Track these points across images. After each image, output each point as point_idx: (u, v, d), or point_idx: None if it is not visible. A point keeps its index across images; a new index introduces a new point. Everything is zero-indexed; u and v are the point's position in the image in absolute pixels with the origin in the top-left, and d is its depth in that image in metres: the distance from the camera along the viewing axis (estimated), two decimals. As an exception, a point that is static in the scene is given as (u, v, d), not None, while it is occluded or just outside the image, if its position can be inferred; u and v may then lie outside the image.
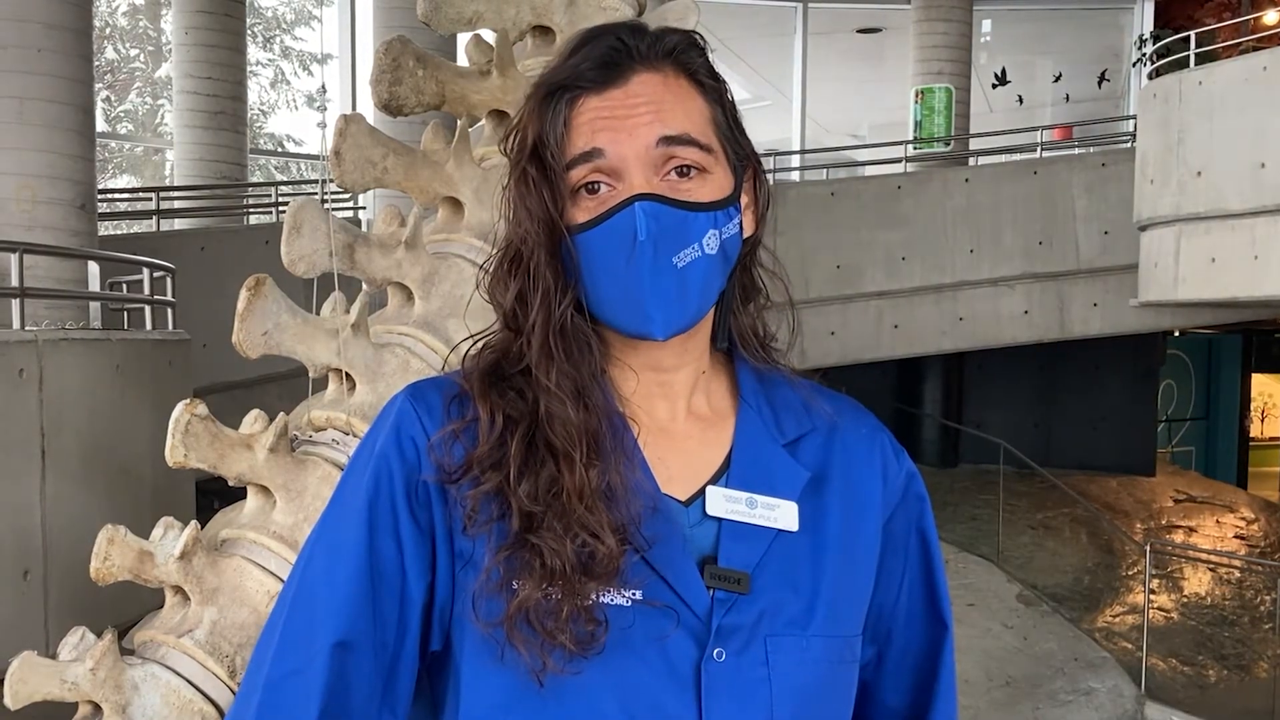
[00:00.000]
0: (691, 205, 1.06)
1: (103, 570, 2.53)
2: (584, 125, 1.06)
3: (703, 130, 1.08)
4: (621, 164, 1.05)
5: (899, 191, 12.85)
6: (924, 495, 1.21)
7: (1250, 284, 9.40)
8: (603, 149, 1.05)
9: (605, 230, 1.05)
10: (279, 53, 24.29)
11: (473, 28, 2.88)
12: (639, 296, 1.05)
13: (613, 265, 1.05)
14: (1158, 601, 11.05)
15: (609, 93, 1.07)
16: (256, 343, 2.59)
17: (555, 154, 1.07)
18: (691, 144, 1.06)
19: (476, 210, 2.80)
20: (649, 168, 1.05)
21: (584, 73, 1.07)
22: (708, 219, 1.07)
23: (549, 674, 1.01)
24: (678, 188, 1.06)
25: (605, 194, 1.06)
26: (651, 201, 1.04)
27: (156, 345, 7.02)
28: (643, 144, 1.05)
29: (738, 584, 1.06)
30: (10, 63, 7.14)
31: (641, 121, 1.05)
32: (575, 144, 1.06)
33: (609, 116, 1.06)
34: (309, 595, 1.06)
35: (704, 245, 1.06)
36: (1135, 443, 15.02)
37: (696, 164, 1.07)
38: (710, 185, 1.08)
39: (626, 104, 1.06)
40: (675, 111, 1.07)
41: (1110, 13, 18.98)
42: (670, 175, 1.06)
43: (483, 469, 1.05)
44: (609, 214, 1.05)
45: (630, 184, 1.05)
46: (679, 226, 1.05)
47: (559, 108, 1.07)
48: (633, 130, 1.05)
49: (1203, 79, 9.96)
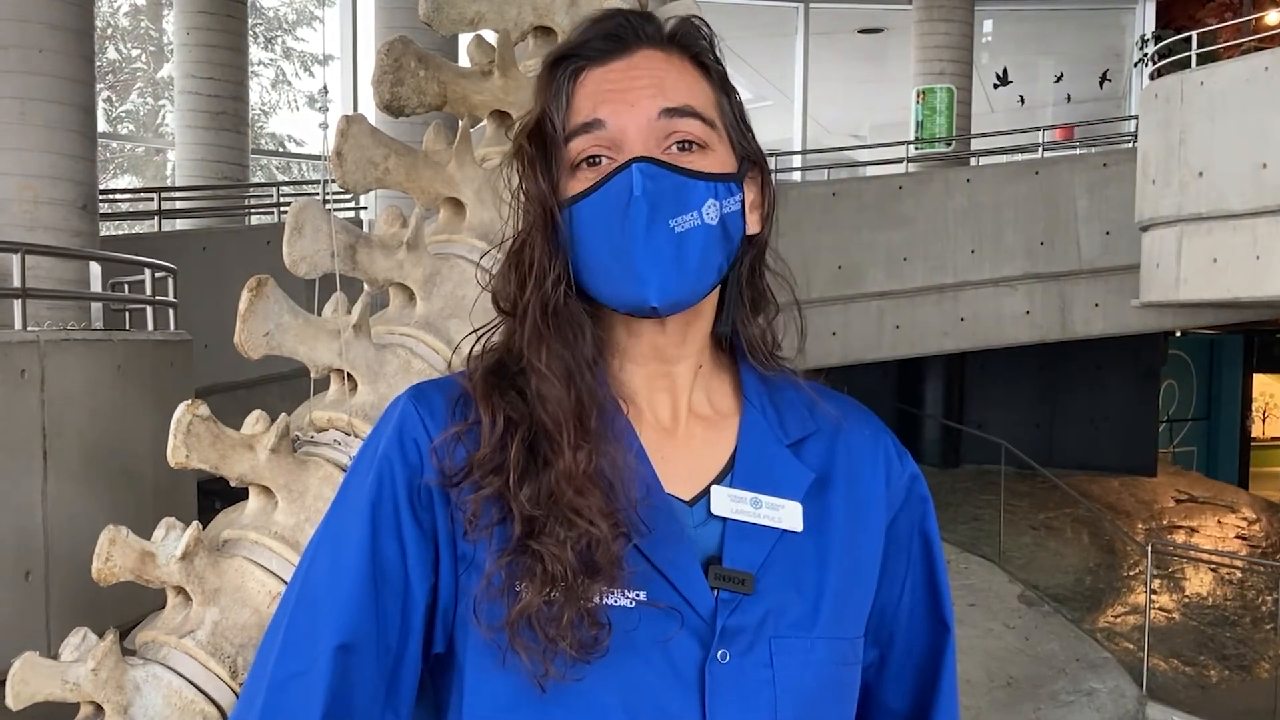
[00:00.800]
0: (691, 172, 1.05)
1: (104, 571, 2.53)
2: (586, 97, 1.06)
3: (706, 106, 1.08)
4: (622, 135, 1.05)
5: (900, 192, 12.84)
6: (927, 497, 1.21)
7: (1252, 284, 9.40)
8: (604, 120, 1.05)
9: (601, 195, 1.04)
10: (280, 53, 24.30)
11: (474, 28, 2.87)
12: (632, 260, 1.03)
13: (607, 229, 1.04)
14: (1159, 602, 11.04)
15: (612, 64, 1.07)
16: (258, 343, 2.59)
17: (557, 125, 1.06)
18: (694, 116, 1.06)
19: (478, 211, 2.80)
20: (650, 139, 1.05)
21: (589, 43, 1.08)
22: (707, 188, 1.05)
23: (550, 679, 1.00)
24: (678, 158, 1.05)
25: (606, 166, 1.05)
26: (650, 163, 1.03)
27: (158, 346, 7.02)
28: (644, 116, 1.05)
29: (742, 584, 1.05)
30: (12, 63, 7.14)
31: (644, 94, 1.05)
32: (577, 115, 1.06)
33: (611, 89, 1.06)
34: (312, 597, 1.06)
35: (704, 214, 1.05)
36: (1137, 443, 15.03)
37: (698, 139, 1.06)
38: (712, 160, 1.07)
39: (629, 75, 1.06)
40: (678, 86, 1.07)
41: (1112, 13, 18.97)
42: (672, 149, 1.05)
43: (484, 473, 1.04)
44: (607, 178, 1.04)
45: (630, 152, 1.04)
46: (677, 190, 1.04)
47: (563, 80, 1.07)
48: (635, 102, 1.05)
49: (1204, 79, 9.96)
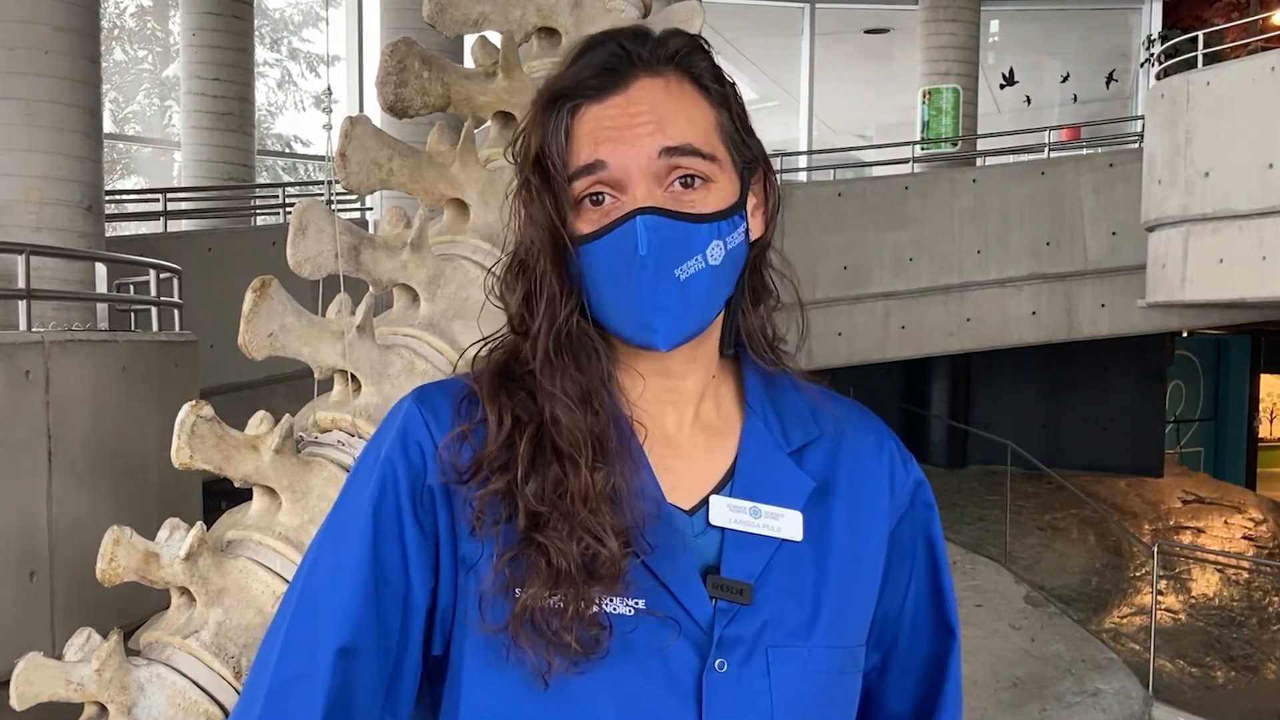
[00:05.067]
0: (694, 217, 1.05)
1: (108, 571, 2.53)
2: (586, 136, 1.06)
3: (706, 138, 1.07)
4: (624, 176, 1.04)
5: (906, 192, 12.82)
6: (931, 503, 1.20)
7: (1258, 284, 9.38)
8: (605, 160, 1.04)
9: (607, 243, 1.04)
10: (286, 54, 24.32)
11: (478, 29, 2.87)
12: (640, 309, 1.04)
13: (615, 277, 1.05)
14: (1165, 603, 11.03)
15: (610, 100, 1.06)
16: (262, 344, 2.59)
17: (557, 164, 1.06)
18: (694, 154, 1.05)
19: (481, 212, 2.79)
20: (652, 179, 1.04)
21: (585, 81, 1.07)
22: (711, 230, 1.05)
23: (554, 674, 1.00)
24: (681, 199, 1.05)
25: (609, 205, 1.05)
26: (653, 215, 1.03)
27: (163, 346, 7.02)
28: (644, 155, 1.04)
29: (740, 594, 1.05)
30: (18, 64, 7.14)
31: (643, 132, 1.04)
32: (578, 155, 1.05)
33: (610, 126, 1.05)
34: (313, 600, 1.06)
35: (707, 256, 1.05)
36: (1143, 444, 15.01)
37: (700, 173, 1.06)
38: (715, 194, 1.06)
39: (628, 113, 1.05)
40: (678, 120, 1.06)
41: (1118, 13, 18.94)
42: (674, 186, 1.05)
43: (491, 470, 1.04)
44: (610, 227, 1.04)
45: (633, 196, 1.04)
46: (681, 239, 1.04)
47: (560, 117, 1.06)
48: (634, 141, 1.04)
49: (1211, 79, 9.94)
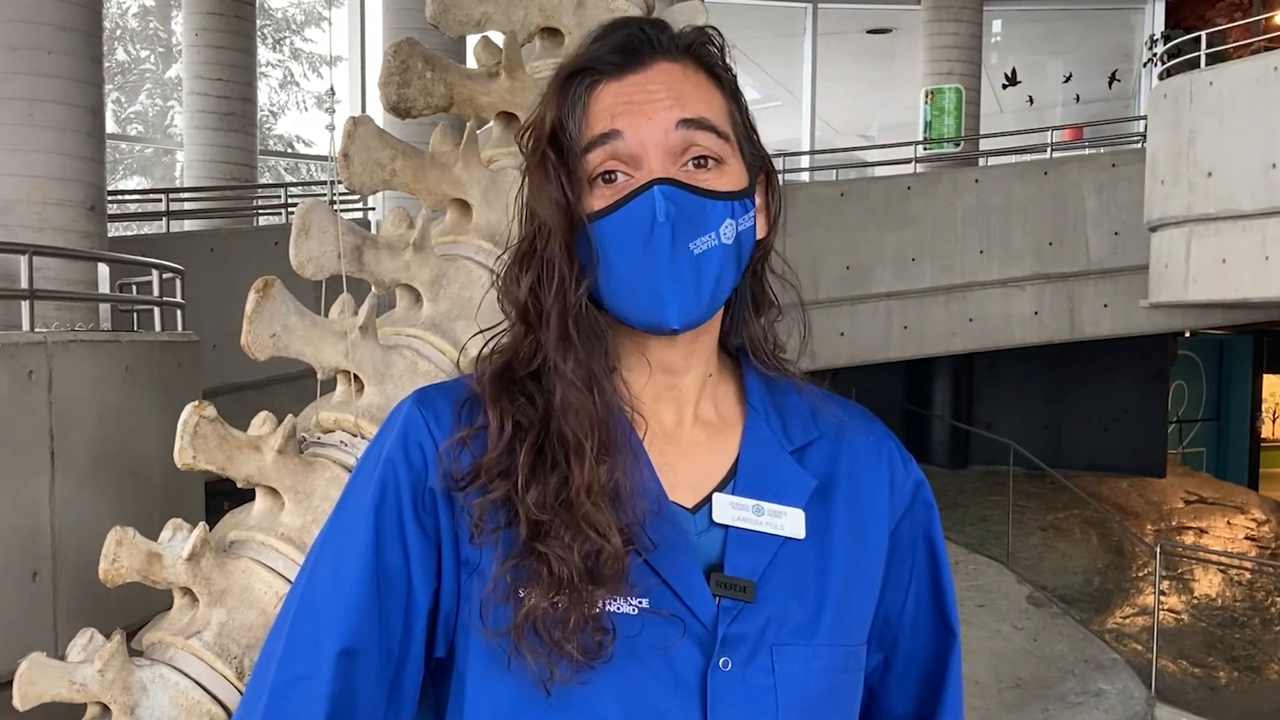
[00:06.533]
0: (710, 193, 1.05)
1: (111, 572, 2.53)
2: (603, 109, 1.06)
3: (721, 120, 1.08)
4: (640, 149, 1.04)
5: (909, 192, 12.82)
6: (932, 503, 1.20)
7: (1261, 285, 9.38)
8: (621, 131, 1.05)
9: (624, 215, 1.04)
10: (289, 54, 24.33)
11: (481, 30, 2.87)
12: (655, 282, 1.04)
13: (630, 250, 1.04)
14: (1168, 603, 11.02)
15: (629, 77, 1.07)
16: (265, 344, 2.59)
17: (573, 136, 1.06)
18: (710, 129, 1.06)
19: (484, 212, 2.79)
20: (667, 155, 1.05)
21: (604, 57, 1.07)
22: (725, 208, 1.06)
23: (556, 683, 1.00)
24: (695, 177, 1.05)
25: (622, 182, 1.05)
26: (671, 185, 1.04)
27: (165, 347, 7.03)
28: (661, 127, 1.05)
29: (743, 592, 1.05)
30: (20, 65, 7.15)
31: (661, 105, 1.05)
32: (594, 126, 1.06)
33: (628, 100, 1.06)
34: (315, 602, 1.06)
35: (721, 234, 1.05)
36: (1146, 444, 15.00)
37: (714, 154, 1.06)
38: (727, 176, 1.07)
39: (646, 88, 1.06)
40: (695, 98, 1.07)
41: (1121, 13, 18.93)
42: (688, 165, 1.06)
43: (490, 477, 1.04)
44: (628, 199, 1.04)
45: (649, 170, 1.04)
46: (697, 212, 1.04)
47: (578, 92, 1.07)
48: (652, 114, 1.05)
49: (1213, 79, 9.94)
